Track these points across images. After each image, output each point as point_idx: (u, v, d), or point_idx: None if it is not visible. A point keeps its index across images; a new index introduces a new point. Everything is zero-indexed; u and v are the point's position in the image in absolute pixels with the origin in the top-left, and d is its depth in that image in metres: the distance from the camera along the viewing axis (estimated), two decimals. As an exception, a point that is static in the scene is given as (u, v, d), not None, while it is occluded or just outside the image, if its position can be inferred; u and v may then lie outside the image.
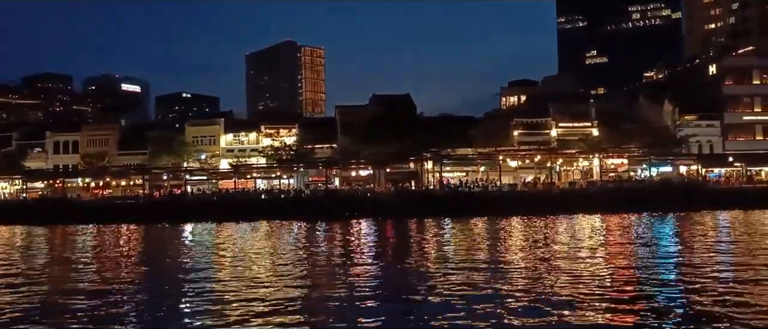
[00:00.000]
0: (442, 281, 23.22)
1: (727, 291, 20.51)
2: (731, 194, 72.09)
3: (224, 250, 36.89)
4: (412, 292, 21.85)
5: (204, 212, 67.24)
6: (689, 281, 22.52)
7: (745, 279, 22.60)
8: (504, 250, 33.65)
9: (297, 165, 78.17)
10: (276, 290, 22.10)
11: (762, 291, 20.53)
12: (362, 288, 22.36)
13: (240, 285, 23.37)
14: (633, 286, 21.77)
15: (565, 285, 21.92)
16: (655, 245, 34.65)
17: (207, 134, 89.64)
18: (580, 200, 68.76)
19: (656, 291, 20.74)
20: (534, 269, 25.96)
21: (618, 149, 79.95)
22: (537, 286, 21.82)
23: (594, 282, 22.31)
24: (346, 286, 22.87)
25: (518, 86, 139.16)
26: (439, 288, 21.88)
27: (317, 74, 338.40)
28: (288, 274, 26.09)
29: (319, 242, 41.24)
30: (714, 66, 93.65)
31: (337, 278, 25.25)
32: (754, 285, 21.35)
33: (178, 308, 19.84)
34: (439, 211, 63.97)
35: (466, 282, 22.75)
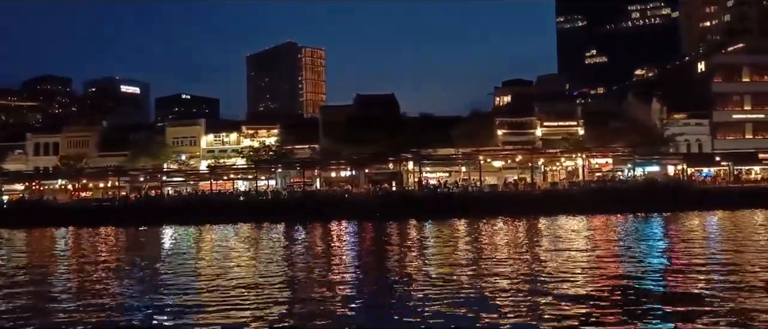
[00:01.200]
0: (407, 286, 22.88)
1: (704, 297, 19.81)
2: (718, 194, 70.01)
3: (192, 258, 35.06)
4: (382, 298, 21.45)
5: (182, 214, 65.66)
6: (660, 289, 21.66)
7: (725, 286, 21.51)
8: (470, 255, 32.30)
9: (274, 166, 76.30)
10: (241, 299, 21.24)
11: (742, 297, 19.55)
12: (331, 295, 21.97)
13: (204, 296, 22.24)
14: (598, 293, 20.81)
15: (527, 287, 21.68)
16: (626, 249, 33.26)
17: (187, 135, 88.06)
18: (563, 201, 66.98)
19: (626, 300, 19.92)
20: (497, 274, 24.95)
21: (601, 149, 77.79)
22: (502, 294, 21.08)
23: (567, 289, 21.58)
24: (315, 293, 22.49)
25: (512, 86, 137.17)
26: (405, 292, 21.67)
27: (318, 75, 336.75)
28: (250, 281, 25.00)
29: (290, 247, 39.58)
30: (703, 64, 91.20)
31: (303, 285, 24.41)
32: (731, 290, 20.52)
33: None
34: (420, 212, 62.33)
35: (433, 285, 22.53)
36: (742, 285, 21.33)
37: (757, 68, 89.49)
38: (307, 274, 27.25)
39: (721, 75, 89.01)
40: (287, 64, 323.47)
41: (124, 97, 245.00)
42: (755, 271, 24.54)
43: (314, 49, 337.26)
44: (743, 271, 24.55)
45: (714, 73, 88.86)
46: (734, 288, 20.95)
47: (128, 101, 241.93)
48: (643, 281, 23.09)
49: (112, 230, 57.97)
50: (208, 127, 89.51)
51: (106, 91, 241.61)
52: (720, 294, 19.88)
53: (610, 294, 20.69)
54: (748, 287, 21.03)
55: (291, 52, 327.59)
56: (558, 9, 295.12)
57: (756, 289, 20.70)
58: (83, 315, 19.36)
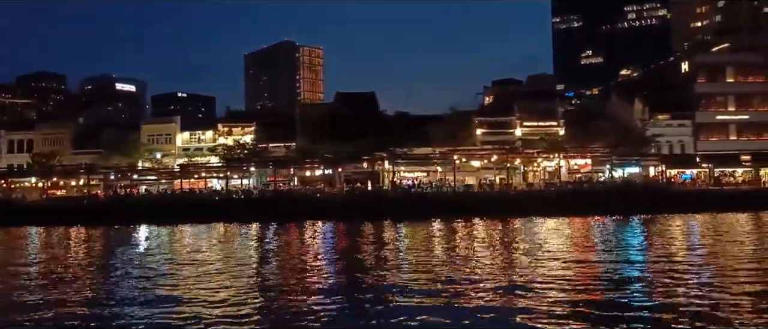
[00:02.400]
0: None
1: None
2: (697, 196, 68.07)
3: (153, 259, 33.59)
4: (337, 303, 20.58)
5: (155, 214, 64.08)
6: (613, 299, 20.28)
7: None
8: (428, 258, 31.11)
9: (246, 165, 74.43)
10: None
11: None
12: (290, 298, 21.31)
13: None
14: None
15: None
16: (586, 253, 32.03)
17: (163, 132, 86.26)
18: (539, 202, 65.18)
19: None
20: (452, 280, 23.92)
21: (579, 149, 75.75)
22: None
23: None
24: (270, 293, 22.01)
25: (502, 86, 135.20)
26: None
27: (316, 74, 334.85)
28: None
29: (254, 248, 38.55)
30: (687, 64, 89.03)
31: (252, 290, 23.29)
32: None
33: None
34: (395, 213, 60.70)
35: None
36: (716, 298, 19.96)
37: (742, 68, 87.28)
38: (259, 278, 26.01)
39: (704, 75, 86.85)
40: (285, 63, 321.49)
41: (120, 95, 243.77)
42: (729, 280, 23.18)
43: (312, 49, 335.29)
44: (716, 280, 23.33)
45: (697, 74, 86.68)
46: (705, 300, 19.73)
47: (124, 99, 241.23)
48: (597, 290, 21.83)
49: (81, 230, 56.60)
50: (184, 125, 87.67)
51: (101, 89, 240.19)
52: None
53: (574, 301, 19.83)
54: (723, 301, 19.50)
55: (289, 51, 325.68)
56: (554, 9, 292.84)
57: (733, 298, 19.73)
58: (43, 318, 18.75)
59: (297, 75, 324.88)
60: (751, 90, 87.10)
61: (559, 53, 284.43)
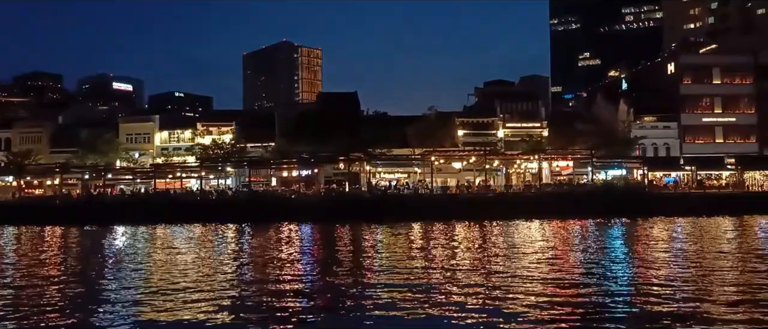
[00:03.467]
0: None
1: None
2: (679, 199, 66.29)
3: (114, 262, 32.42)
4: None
5: (130, 214, 62.61)
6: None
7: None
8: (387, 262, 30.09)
9: (222, 165, 72.78)
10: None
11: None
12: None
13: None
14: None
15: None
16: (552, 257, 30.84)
17: (141, 131, 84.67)
18: (517, 205, 63.55)
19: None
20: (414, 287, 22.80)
21: (560, 151, 73.96)
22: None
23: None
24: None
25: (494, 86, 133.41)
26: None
27: (314, 75, 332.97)
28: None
29: (223, 250, 37.05)
30: (672, 65, 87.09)
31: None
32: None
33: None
34: (372, 215, 59.19)
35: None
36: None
37: (729, 70, 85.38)
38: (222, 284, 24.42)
39: (690, 77, 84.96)
40: (284, 64, 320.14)
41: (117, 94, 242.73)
42: (704, 286, 22.38)
43: (311, 49, 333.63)
44: (690, 286, 22.44)
45: (683, 75, 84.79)
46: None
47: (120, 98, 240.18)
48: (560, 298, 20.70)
49: (55, 230, 55.39)
50: (163, 123, 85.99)
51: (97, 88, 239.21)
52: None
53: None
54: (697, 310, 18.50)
55: (288, 52, 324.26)
56: (552, 11, 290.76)
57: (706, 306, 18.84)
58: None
59: (295, 75, 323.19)
60: (738, 92, 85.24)
61: (556, 55, 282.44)
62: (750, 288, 21.92)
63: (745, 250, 33.30)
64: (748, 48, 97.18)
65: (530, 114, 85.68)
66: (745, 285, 22.38)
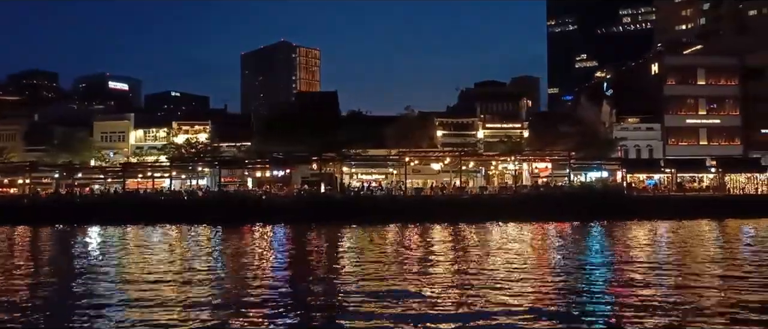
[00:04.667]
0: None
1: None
2: (658, 202, 64.51)
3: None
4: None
5: (100, 214, 60.94)
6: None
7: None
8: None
9: (192, 164, 70.99)
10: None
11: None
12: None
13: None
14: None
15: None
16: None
17: (116, 130, 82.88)
18: (492, 207, 61.81)
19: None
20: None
21: (538, 153, 72.03)
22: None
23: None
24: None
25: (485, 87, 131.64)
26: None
27: (312, 75, 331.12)
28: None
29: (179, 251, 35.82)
30: (656, 65, 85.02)
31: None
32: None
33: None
34: (344, 217, 57.62)
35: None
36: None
37: (714, 71, 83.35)
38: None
39: (674, 77, 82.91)
40: (282, 64, 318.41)
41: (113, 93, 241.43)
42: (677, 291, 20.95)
43: (309, 49, 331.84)
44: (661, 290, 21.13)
45: (667, 76, 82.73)
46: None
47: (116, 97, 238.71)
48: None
49: (21, 230, 54.06)
50: (138, 122, 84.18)
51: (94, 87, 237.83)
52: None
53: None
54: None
55: (286, 52, 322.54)
56: (549, 13, 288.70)
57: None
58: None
59: (294, 75, 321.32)
60: (723, 93, 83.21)
61: (553, 56, 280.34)
62: (722, 298, 20.03)
63: (714, 256, 31.51)
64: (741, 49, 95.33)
65: (511, 115, 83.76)
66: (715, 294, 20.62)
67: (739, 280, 23.02)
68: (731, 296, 19.85)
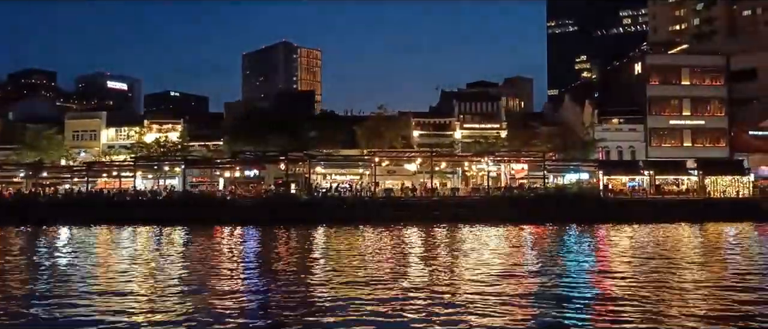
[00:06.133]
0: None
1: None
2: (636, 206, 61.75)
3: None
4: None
5: (65, 215, 59.15)
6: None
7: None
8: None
9: (158, 164, 68.70)
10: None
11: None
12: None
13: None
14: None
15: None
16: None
17: (88, 128, 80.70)
18: (463, 209, 59.56)
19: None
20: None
21: (513, 153, 69.35)
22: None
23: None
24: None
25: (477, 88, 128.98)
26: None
27: (313, 76, 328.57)
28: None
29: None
30: (639, 65, 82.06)
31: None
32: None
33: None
34: (311, 218, 56.02)
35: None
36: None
37: (699, 71, 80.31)
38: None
39: (658, 77, 79.90)
40: (283, 64, 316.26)
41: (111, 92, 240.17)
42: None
43: (310, 50, 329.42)
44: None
45: (650, 76, 79.77)
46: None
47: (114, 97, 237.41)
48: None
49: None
50: (110, 120, 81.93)
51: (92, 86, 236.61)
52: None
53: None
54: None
55: (287, 52, 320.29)
56: (549, 14, 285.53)
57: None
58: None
59: (294, 76, 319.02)
60: (708, 94, 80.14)
61: (553, 58, 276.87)
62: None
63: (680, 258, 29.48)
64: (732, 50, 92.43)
65: (490, 116, 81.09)
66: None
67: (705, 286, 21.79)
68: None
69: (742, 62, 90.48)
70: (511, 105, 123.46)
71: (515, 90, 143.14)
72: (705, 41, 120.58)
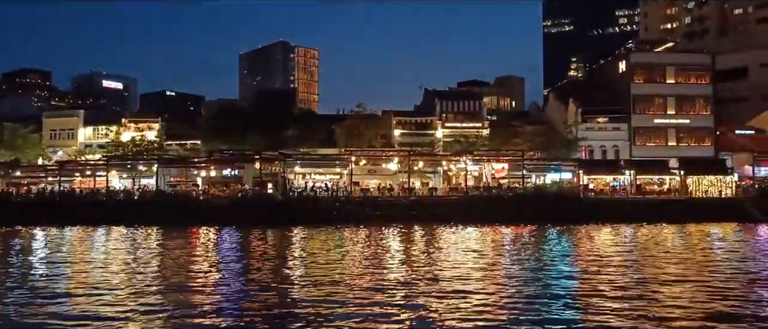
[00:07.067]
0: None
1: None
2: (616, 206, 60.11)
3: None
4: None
5: (36, 215, 57.61)
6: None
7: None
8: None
9: (131, 163, 67.25)
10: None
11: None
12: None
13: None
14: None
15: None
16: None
17: (65, 127, 79.28)
18: (440, 209, 58.14)
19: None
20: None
21: (492, 152, 67.82)
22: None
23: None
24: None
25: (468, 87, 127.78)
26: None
27: (310, 75, 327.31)
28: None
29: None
30: (623, 63, 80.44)
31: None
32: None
33: None
34: (286, 219, 54.54)
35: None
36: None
37: (684, 69, 78.65)
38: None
39: (642, 76, 78.28)
40: (280, 64, 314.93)
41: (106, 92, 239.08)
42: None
43: (307, 49, 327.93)
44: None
45: (634, 74, 78.16)
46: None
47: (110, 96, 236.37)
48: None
49: None
50: (88, 119, 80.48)
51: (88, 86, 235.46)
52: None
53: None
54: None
55: (284, 52, 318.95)
56: (545, 13, 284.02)
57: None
58: None
59: (291, 76, 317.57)
60: (693, 92, 78.51)
61: (549, 57, 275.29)
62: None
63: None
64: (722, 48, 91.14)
65: (473, 115, 79.56)
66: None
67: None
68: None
69: (733, 61, 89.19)
70: (502, 105, 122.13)
71: (506, 89, 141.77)
72: (696, 40, 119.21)
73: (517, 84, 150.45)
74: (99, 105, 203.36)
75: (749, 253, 32.82)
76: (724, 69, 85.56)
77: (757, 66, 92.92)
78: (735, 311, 17.60)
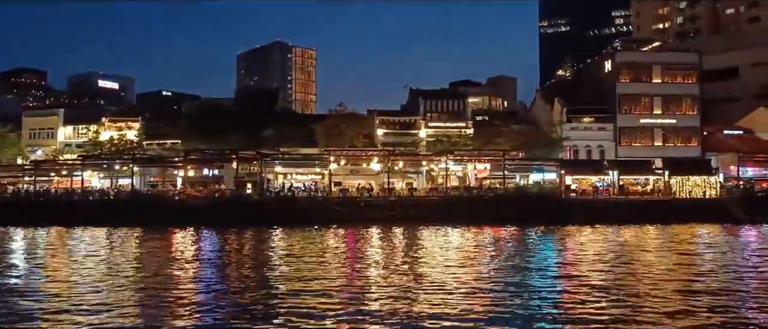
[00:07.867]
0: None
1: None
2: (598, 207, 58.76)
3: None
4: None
5: (7, 215, 56.64)
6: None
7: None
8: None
9: (107, 162, 65.93)
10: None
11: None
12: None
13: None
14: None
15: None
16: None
17: (45, 126, 77.98)
18: (419, 209, 57.13)
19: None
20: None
21: (475, 152, 66.46)
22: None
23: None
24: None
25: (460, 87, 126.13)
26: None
27: (308, 75, 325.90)
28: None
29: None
30: (609, 62, 79.01)
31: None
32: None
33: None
34: (264, 220, 53.43)
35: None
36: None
37: (671, 68, 77.21)
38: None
39: (628, 75, 76.85)
40: (278, 64, 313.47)
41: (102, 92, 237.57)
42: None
43: (305, 50, 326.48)
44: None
45: (620, 73, 76.72)
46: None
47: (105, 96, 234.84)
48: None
49: None
50: (68, 118, 79.15)
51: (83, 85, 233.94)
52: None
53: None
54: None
55: (282, 52, 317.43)
56: (542, 14, 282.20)
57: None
58: None
59: (289, 76, 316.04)
60: (680, 92, 77.07)
61: (545, 58, 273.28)
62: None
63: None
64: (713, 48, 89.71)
65: (457, 114, 78.18)
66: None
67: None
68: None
69: (724, 60, 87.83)
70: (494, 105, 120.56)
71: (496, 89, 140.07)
72: (688, 40, 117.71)
73: (509, 84, 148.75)
74: (93, 105, 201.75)
75: (724, 254, 32.21)
76: (715, 69, 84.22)
77: (749, 66, 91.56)
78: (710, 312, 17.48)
